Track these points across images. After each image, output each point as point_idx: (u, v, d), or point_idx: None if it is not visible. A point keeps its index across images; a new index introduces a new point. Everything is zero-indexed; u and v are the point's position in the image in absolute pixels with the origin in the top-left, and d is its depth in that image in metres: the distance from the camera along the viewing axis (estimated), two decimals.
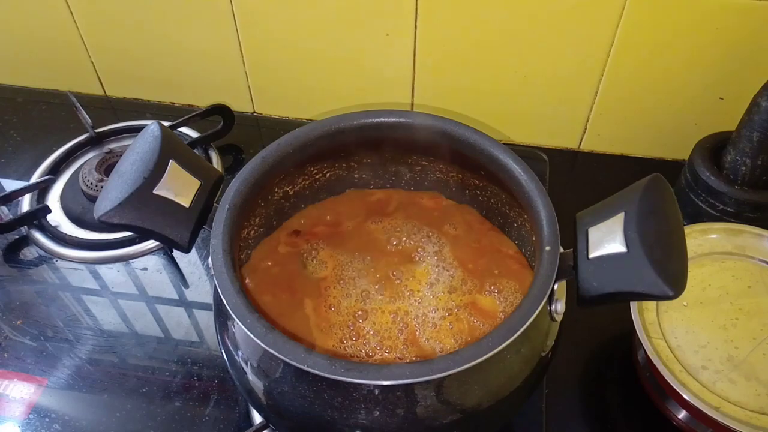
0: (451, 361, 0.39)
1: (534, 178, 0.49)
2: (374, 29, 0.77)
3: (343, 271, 0.56)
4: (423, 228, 0.59)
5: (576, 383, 0.63)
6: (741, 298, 0.59)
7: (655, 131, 0.82)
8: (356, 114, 0.54)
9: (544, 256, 0.44)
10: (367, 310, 0.53)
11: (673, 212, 0.42)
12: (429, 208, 0.61)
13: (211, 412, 0.60)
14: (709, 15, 0.68)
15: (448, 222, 0.59)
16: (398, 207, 0.61)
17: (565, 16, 0.71)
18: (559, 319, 0.47)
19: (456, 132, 0.53)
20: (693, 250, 0.62)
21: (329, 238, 0.58)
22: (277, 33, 0.80)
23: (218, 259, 0.45)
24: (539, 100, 0.81)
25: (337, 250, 0.57)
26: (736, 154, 0.68)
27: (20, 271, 0.73)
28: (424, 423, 0.42)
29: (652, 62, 0.74)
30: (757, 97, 0.64)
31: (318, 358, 0.39)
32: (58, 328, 0.67)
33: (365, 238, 0.58)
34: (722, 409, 0.52)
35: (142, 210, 0.45)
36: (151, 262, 0.73)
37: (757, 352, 0.56)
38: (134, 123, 0.87)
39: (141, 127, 0.53)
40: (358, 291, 0.54)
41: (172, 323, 0.68)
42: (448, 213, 0.60)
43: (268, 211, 0.57)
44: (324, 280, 0.55)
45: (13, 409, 0.61)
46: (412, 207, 0.61)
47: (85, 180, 0.77)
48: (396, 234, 0.58)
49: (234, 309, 0.42)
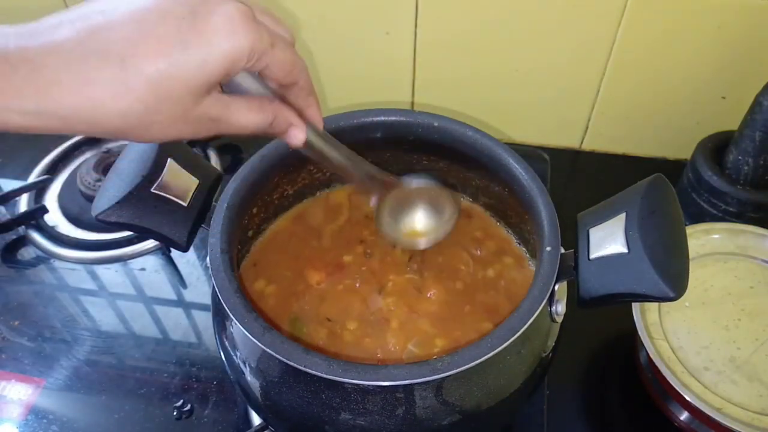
0: (450, 361, 0.39)
1: (535, 177, 0.49)
2: (374, 28, 0.77)
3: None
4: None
5: (577, 384, 0.63)
6: (743, 299, 0.59)
7: (657, 131, 0.82)
8: (356, 113, 0.53)
9: (544, 257, 0.44)
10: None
11: (674, 213, 0.42)
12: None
13: (210, 413, 0.60)
14: (711, 14, 0.68)
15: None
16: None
17: (566, 15, 0.71)
18: (559, 320, 0.47)
19: (457, 131, 0.52)
20: (695, 251, 0.62)
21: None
22: None
23: (216, 258, 0.44)
24: (540, 99, 0.81)
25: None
26: (739, 153, 0.68)
27: (18, 272, 0.73)
28: (423, 424, 0.42)
29: (654, 61, 0.73)
30: (760, 97, 0.64)
31: (316, 358, 0.39)
32: (56, 328, 0.67)
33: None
34: (724, 411, 0.51)
35: (140, 209, 0.45)
36: (149, 262, 0.73)
37: (760, 353, 0.55)
38: None
39: None
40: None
41: (170, 324, 0.68)
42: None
43: (267, 209, 0.57)
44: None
45: (11, 410, 0.61)
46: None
47: (83, 180, 0.77)
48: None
49: (232, 309, 0.42)
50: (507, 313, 0.46)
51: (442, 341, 0.50)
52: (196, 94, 0.32)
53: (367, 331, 0.51)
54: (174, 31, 0.31)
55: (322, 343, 0.50)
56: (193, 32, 0.31)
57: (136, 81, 0.30)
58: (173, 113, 0.32)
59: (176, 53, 0.31)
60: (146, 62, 0.31)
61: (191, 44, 0.31)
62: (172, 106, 0.32)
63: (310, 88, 0.41)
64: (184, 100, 0.32)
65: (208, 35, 0.31)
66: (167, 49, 0.31)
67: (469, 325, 0.51)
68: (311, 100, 0.41)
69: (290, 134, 0.40)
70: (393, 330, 0.51)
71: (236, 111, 0.36)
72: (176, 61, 0.31)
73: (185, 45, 0.31)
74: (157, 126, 0.32)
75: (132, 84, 0.30)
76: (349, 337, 0.51)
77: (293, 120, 0.40)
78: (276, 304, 0.53)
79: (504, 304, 0.53)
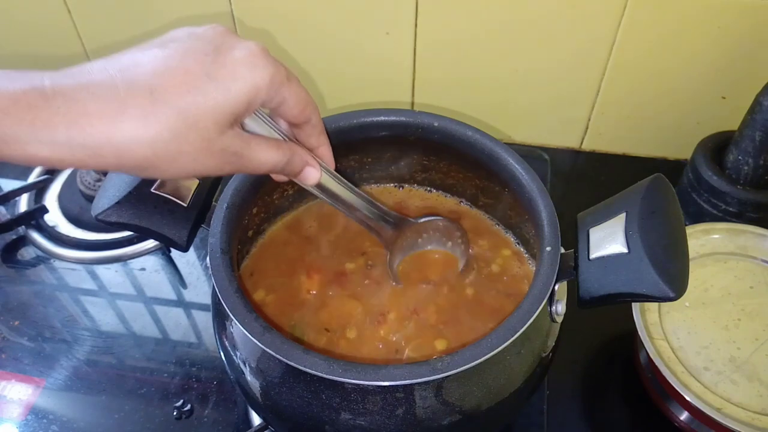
0: (450, 361, 0.39)
1: (535, 177, 0.49)
2: (374, 28, 0.77)
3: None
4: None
5: (577, 384, 0.63)
6: (743, 299, 0.59)
7: (657, 131, 0.82)
8: (356, 113, 0.53)
9: (544, 257, 0.44)
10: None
11: (674, 213, 0.42)
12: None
13: (210, 413, 0.60)
14: (711, 14, 0.68)
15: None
16: (398, 207, 0.61)
17: (566, 15, 0.71)
18: (559, 320, 0.47)
19: (457, 131, 0.52)
20: (695, 251, 0.62)
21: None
22: (276, 33, 0.79)
23: (216, 258, 0.44)
24: (540, 99, 0.81)
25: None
26: (739, 153, 0.68)
27: (18, 272, 0.73)
28: (423, 424, 0.42)
29: (654, 61, 0.73)
30: (760, 97, 0.64)
31: (316, 358, 0.39)
32: (56, 328, 0.67)
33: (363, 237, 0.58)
34: (724, 411, 0.51)
35: (140, 208, 0.45)
36: (149, 262, 0.73)
37: (760, 353, 0.55)
38: None
39: None
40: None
41: (170, 324, 0.68)
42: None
43: (267, 210, 0.57)
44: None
45: (11, 410, 0.61)
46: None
47: (83, 179, 0.77)
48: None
49: (232, 309, 0.42)
50: (507, 314, 0.45)
51: (443, 345, 0.50)
52: (221, 124, 0.34)
53: (366, 338, 0.51)
54: (199, 65, 0.33)
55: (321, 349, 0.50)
56: (217, 65, 0.33)
57: (164, 110, 0.32)
58: (199, 144, 0.33)
59: (202, 84, 0.33)
60: (174, 93, 0.32)
61: (216, 76, 0.33)
62: (199, 136, 0.33)
63: (322, 127, 0.43)
64: (209, 130, 0.33)
65: (231, 67, 0.34)
66: (193, 80, 0.33)
67: (471, 329, 0.51)
68: (323, 139, 0.43)
69: (305, 174, 0.42)
70: (392, 338, 0.51)
71: (256, 147, 0.37)
72: (202, 92, 0.33)
73: (210, 77, 0.33)
74: (184, 158, 0.33)
75: (160, 113, 0.32)
76: (347, 346, 0.51)
77: (308, 159, 0.42)
78: (274, 314, 0.52)
79: (505, 306, 0.53)
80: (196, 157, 0.34)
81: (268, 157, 0.38)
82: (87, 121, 0.31)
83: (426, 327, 0.51)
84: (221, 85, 0.33)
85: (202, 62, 0.33)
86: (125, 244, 0.74)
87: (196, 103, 0.32)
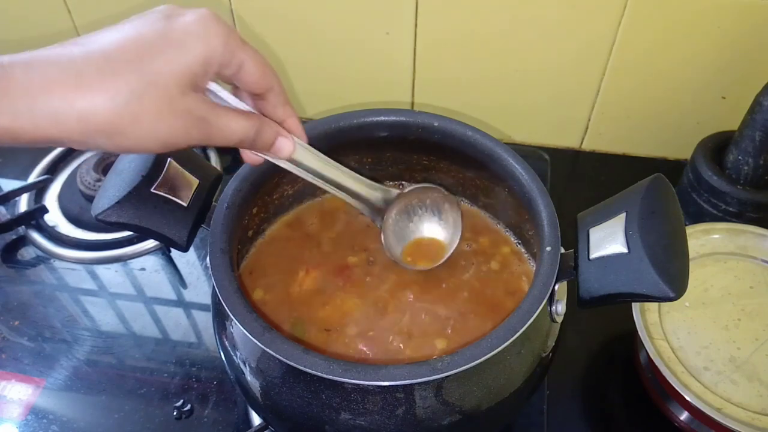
0: (450, 361, 0.39)
1: (535, 177, 0.49)
2: (374, 28, 0.77)
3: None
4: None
5: (577, 384, 0.63)
6: (743, 299, 0.59)
7: (657, 131, 0.82)
8: (356, 113, 0.53)
9: (544, 257, 0.44)
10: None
11: (674, 213, 0.42)
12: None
13: (210, 413, 0.60)
14: (711, 14, 0.68)
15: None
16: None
17: (566, 15, 0.71)
18: (559, 320, 0.47)
19: (457, 131, 0.52)
20: (695, 251, 0.62)
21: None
22: (276, 33, 0.79)
23: (216, 258, 0.44)
24: (540, 99, 0.81)
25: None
26: (739, 153, 0.68)
27: (18, 272, 0.73)
28: (423, 424, 0.42)
29: (654, 61, 0.73)
30: (760, 97, 0.64)
31: (316, 358, 0.39)
32: (56, 328, 0.67)
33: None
34: (724, 411, 0.51)
35: (140, 208, 0.45)
36: (149, 262, 0.73)
37: (760, 353, 0.55)
38: None
39: None
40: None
41: (170, 324, 0.68)
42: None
43: (267, 210, 0.57)
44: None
45: (11, 410, 0.61)
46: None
47: (83, 180, 0.77)
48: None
49: (232, 309, 0.42)
50: (508, 311, 0.45)
51: (443, 344, 0.50)
52: (181, 85, 0.34)
53: (366, 337, 0.51)
54: (153, 31, 0.34)
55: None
56: (170, 29, 0.34)
57: (122, 73, 0.32)
58: (161, 102, 0.33)
59: (157, 46, 0.33)
60: (130, 57, 0.33)
61: (170, 38, 0.34)
62: (159, 94, 0.33)
63: (286, 98, 0.41)
64: (169, 87, 0.33)
65: (184, 28, 0.34)
66: (148, 44, 0.33)
67: (471, 327, 0.51)
68: (289, 110, 0.42)
69: (278, 145, 0.41)
70: (393, 337, 0.51)
71: (224, 115, 0.37)
72: (158, 52, 0.33)
73: (164, 38, 0.34)
74: (147, 118, 0.33)
75: (118, 76, 0.32)
76: (348, 346, 0.51)
77: (279, 130, 0.41)
78: (274, 313, 0.52)
79: (505, 303, 0.53)
80: (160, 117, 0.33)
81: (236, 125, 0.37)
82: (47, 87, 0.31)
83: (426, 326, 0.51)
84: (176, 45, 0.34)
85: (155, 28, 0.34)
86: (125, 244, 0.74)
87: (153, 63, 0.33)
